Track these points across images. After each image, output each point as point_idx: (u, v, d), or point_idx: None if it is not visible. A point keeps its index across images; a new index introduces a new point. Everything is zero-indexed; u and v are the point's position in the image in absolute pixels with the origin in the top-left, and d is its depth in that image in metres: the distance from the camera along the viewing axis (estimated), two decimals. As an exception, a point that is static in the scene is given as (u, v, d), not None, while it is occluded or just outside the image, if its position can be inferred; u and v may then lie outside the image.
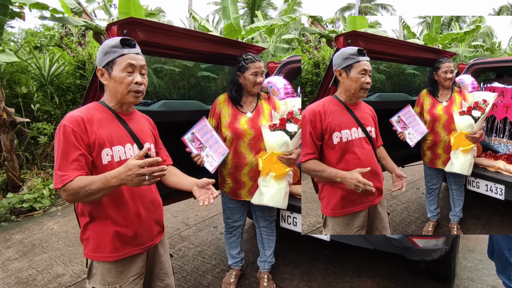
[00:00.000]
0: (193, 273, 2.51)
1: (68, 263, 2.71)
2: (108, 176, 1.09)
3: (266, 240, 2.26)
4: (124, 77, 1.23)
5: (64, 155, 1.15)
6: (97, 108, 1.28)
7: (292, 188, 2.33)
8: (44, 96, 5.13)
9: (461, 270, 2.55)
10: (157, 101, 2.15)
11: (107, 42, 1.27)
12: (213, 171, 1.92)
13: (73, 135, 1.16)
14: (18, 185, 4.25)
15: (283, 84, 2.41)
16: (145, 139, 1.36)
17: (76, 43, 7.74)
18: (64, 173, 1.13)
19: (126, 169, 1.05)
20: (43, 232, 3.31)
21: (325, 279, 2.41)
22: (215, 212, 3.61)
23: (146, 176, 1.05)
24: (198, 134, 1.92)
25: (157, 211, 1.39)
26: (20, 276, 2.56)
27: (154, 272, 1.44)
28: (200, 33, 2.04)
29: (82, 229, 1.29)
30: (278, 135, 1.84)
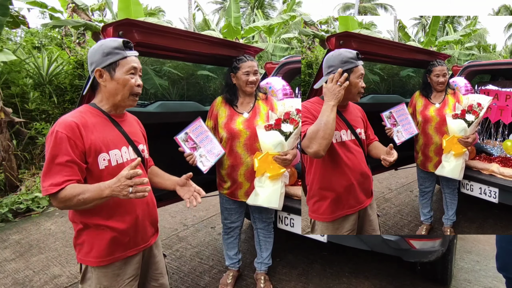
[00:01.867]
0: (190, 274, 2.51)
1: (65, 264, 2.71)
2: (102, 186, 1.09)
3: (264, 242, 2.26)
4: (128, 79, 1.24)
5: (55, 162, 1.13)
6: (89, 112, 1.26)
7: (290, 190, 2.33)
8: (42, 95, 5.12)
9: (458, 272, 2.55)
10: (153, 102, 2.14)
11: (107, 43, 1.24)
12: (206, 171, 1.92)
13: (67, 141, 1.14)
14: (16, 185, 4.25)
15: (282, 85, 2.41)
16: (138, 141, 1.36)
17: (75, 43, 7.74)
18: (54, 180, 1.11)
19: (116, 180, 1.07)
20: (40, 233, 3.31)
21: (322, 280, 2.41)
22: (213, 212, 3.61)
23: (130, 188, 1.05)
24: (192, 134, 1.92)
25: (152, 212, 1.39)
26: (17, 277, 2.55)
27: (149, 272, 1.45)
28: (197, 34, 2.03)
29: (76, 234, 1.27)
30: (273, 135, 1.84)
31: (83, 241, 1.26)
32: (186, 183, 1.38)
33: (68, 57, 5.74)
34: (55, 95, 5.17)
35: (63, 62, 5.60)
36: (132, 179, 1.05)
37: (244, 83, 2.00)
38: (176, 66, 3.15)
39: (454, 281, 2.39)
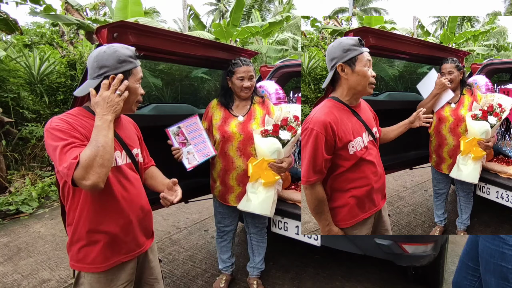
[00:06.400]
0: (183, 277, 2.49)
1: (55, 268, 2.66)
2: (99, 123, 1.11)
3: (256, 247, 2.25)
4: (137, 88, 1.25)
5: (63, 147, 1.08)
6: (82, 114, 1.23)
7: (285, 193, 2.33)
8: (34, 95, 5.05)
9: (450, 276, 2.57)
10: (148, 105, 2.13)
11: (122, 50, 1.21)
12: (190, 169, 1.90)
13: (69, 128, 1.13)
14: (4, 186, 4.16)
15: (275, 89, 2.41)
16: (133, 145, 1.35)
17: (67, 42, 7.64)
18: (69, 158, 1.06)
19: (104, 100, 1.13)
20: (29, 235, 3.25)
21: (315, 284, 2.41)
22: (207, 215, 3.59)
23: (117, 92, 1.15)
24: (184, 129, 1.90)
25: (147, 217, 1.38)
26: (5, 281, 2.50)
27: (144, 278, 1.43)
28: (192, 37, 2.02)
29: (70, 239, 1.25)
30: (271, 141, 1.83)
31: (77, 246, 1.23)
32: (172, 187, 1.38)
33: (61, 56, 5.67)
34: (46, 95, 5.10)
35: (55, 61, 5.53)
36: (112, 88, 1.14)
37: (239, 88, 1.99)
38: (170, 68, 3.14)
39: (445, 285, 2.42)
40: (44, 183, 4.35)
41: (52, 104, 5.20)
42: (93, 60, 1.19)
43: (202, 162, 1.93)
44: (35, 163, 4.78)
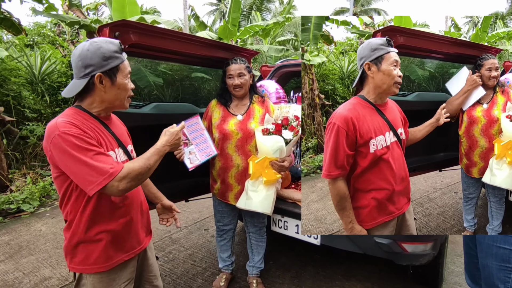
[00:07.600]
0: (183, 276, 2.50)
1: (56, 266, 2.67)
2: (159, 147, 1.23)
3: (255, 246, 2.26)
4: (127, 84, 1.23)
5: (87, 154, 1.09)
6: (79, 115, 1.19)
7: (284, 192, 2.34)
8: (35, 94, 5.06)
9: (449, 275, 2.58)
10: (148, 104, 2.14)
11: (106, 46, 1.16)
12: (191, 169, 1.91)
13: (83, 134, 1.11)
14: (5, 185, 4.18)
15: (275, 88, 2.42)
16: (127, 141, 1.36)
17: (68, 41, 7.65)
18: (107, 165, 1.09)
19: (172, 136, 1.27)
20: (30, 234, 3.26)
21: (315, 283, 2.42)
22: (207, 214, 3.60)
23: (182, 140, 1.31)
24: (186, 129, 1.90)
25: (146, 214, 1.40)
26: (6, 279, 2.51)
27: (143, 275, 1.44)
28: (193, 36, 2.04)
29: (68, 241, 1.22)
30: (274, 139, 1.83)
31: (77, 248, 1.22)
32: (169, 208, 1.50)
33: (63, 56, 5.68)
34: (47, 95, 5.11)
35: (56, 61, 5.54)
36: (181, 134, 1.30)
37: (230, 87, 2.02)
38: (171, 68, 3.14)
39: (445, 284, 2.42)
40: (45, 182, 4.37)
41: (53, 104, 5.22)
42: (77, 59, 1.15)
43: (204, 161, 1.94)
44: (36, 162, 4.79)
